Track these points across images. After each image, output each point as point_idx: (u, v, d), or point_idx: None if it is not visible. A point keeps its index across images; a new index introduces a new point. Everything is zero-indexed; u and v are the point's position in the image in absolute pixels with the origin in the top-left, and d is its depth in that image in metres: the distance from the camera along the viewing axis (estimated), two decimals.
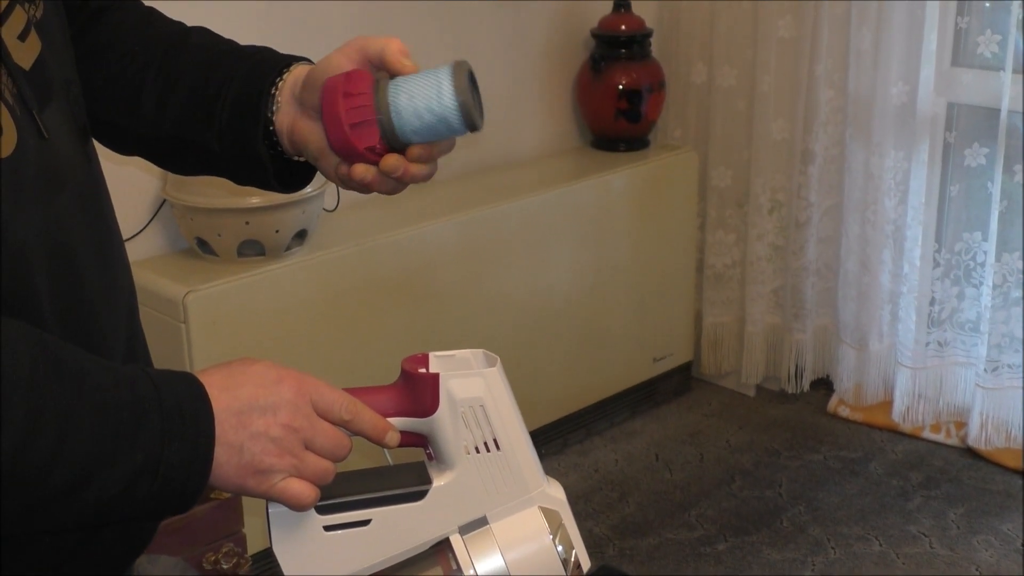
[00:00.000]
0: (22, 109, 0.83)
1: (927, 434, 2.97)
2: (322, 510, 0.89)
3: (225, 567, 2.01)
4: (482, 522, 0.92)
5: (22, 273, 0.82)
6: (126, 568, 0.97)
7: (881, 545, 2.57)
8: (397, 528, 0.91)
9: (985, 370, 2.80)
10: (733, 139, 3.07)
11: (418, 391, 0.91)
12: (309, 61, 1.03)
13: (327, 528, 0.90)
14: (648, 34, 2.99)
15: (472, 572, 0.90)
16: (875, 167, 2.85)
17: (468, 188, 2.78)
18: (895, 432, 3.00)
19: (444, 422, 0.90)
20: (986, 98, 2.73)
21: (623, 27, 2.95)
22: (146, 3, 1.13)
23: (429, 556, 0.91)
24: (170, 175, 2.32)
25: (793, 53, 2.92)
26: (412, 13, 2.68)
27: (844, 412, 3.08)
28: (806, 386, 3.17)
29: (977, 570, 2.48)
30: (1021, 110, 2.66)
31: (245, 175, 1.05)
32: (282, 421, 0.85)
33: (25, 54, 0.85)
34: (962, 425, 2.92)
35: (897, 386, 2.96)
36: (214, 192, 2.22)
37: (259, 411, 0.85)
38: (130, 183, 2.31)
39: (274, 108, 1.00)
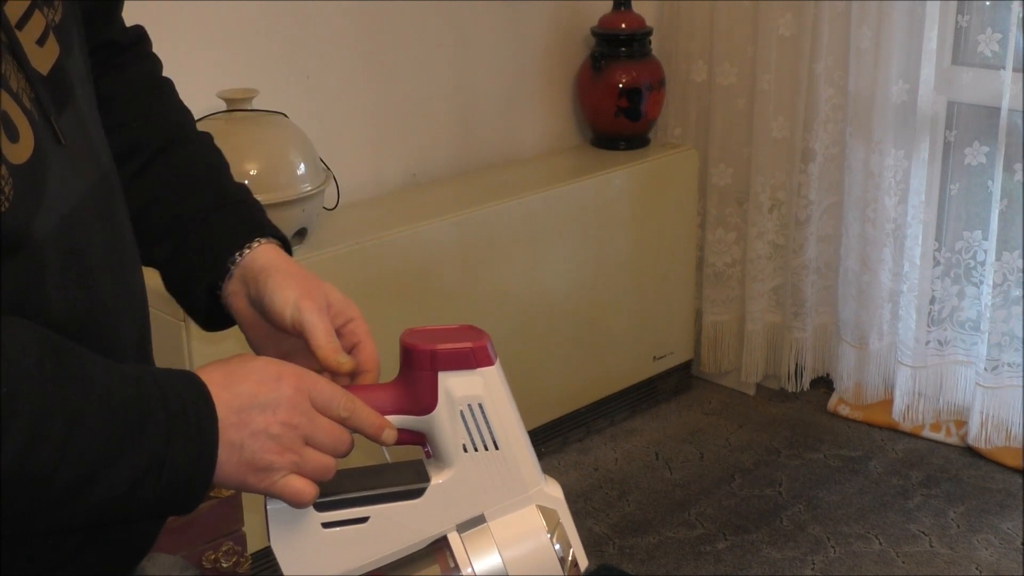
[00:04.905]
0: (40, 114, 0.83)
1: (927, 433, 2.97)
2: (320, 507, 0.89)
3: (225, 565, 2.01)
4: (480, 520, 0.91)
5: (36, 276, 0.82)
6: (128, 571, 0.97)
7: (881, 544, 2.57)
8: (395, 526, 0.90)
9: (985, 369, 2.80)
10: (733, 137, 3.07)
11: (417, 389, 0.90)
12: (273, 236, 1.04)
13: (325, 525, 0.90)
14: (648, 32, 2.99)
15: (470, 570, 0.90)
16: (875, 165, 2.85)
17: (468, 186, 2.78)
18: (895, 431, 3.00)
19: (442, 420, 0.90)
20: (986, 97, 2.73)
21: (623, 25, 2.95)
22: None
23: (427, 555, 0.91)
24: None
25: (793, 51, 2.92)
26: (413, 12, 2.68)
27: (844, 411, 3.08)
28: (806, 385, 3.17)
29: (977, 569, 2.48)
30: (1021, 109, 2.66)
31: (179, 300, 1.07)
32: (281, 418, 0.85)
33: (43, 59, 0.85)
34: (962, 424, 2.92)
35: (897, 385, 2.95)
36: None
37: (259, 408, 0.84)
38: None
39: (225, 280, 1.02)
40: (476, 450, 0.91)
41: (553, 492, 0.93)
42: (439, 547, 0.91)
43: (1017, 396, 2.77)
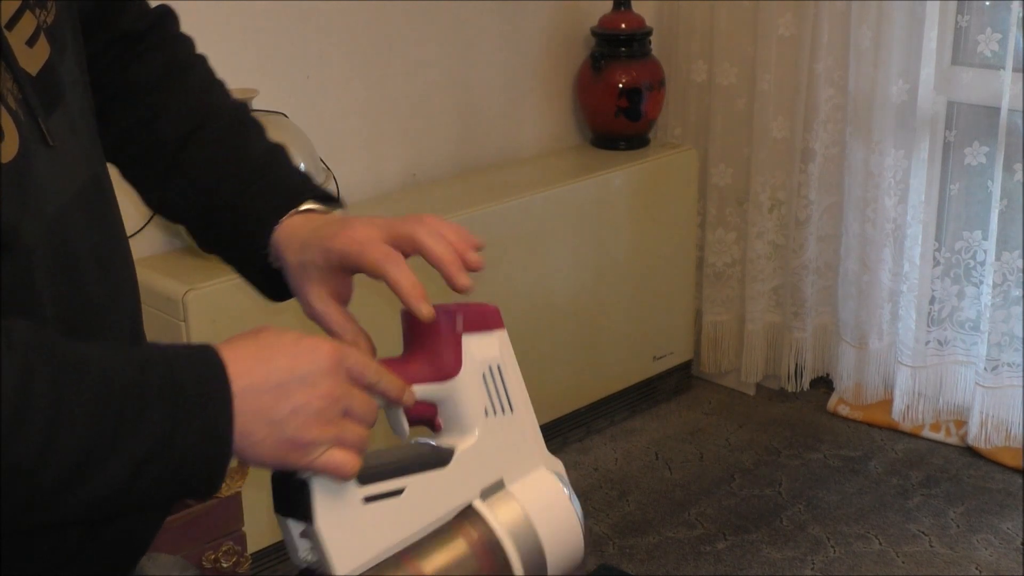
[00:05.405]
0: (27, 115, 0.82)
1: (927, 433, 2.97)
2: (362, 480, 0.86)
3: (225, 566, 2.01)
4: (499, 486, 0.91)
5: (25, 277, 0.81)
6: (127, 570, 0.97)
7: (881, 544, 2.57)
8: (428, 496, 0.88)
9: (985, 369, 2.80)
10: (733, 137, 3.07)
11: (441, 353, 0.90)
12: (317, 197, 1.01)
13: (367, 500, 0.86)
14: (648, 32, 2.99)
15: (501, 531, 0.89)
16: (875, 165, 2.85)
17: (468, 186, 2.78)
18: (895, 431, 3.00)
19: (466, 384, 0.90)
20: (986, 97, 2.73)
21: (623, 25, 2.95)
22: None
23: (450, 530, 0.90)
24: None
25: (793, 51, 2.92)
26: (412, 12, 2.68)
27: (844, 411, 3.08)
28: (806, 385, 3.17)
29: (977, 569, 2.48)
30: (1021, 109, 2.66)
31: (244, 278, 1.06)
32: (322, 392, 0.82)
33: (33, 60, 0.85)
34: (962, 424, 2.92)
35: (897, 385, 2.95)
36: None
37: (298, 382, 0.82)
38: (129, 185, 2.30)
39: (269, 249, 1.00)
40: (495, 413, 0.91)
41: (556, 466, 0.95)
42: (458, 523, 0.90)
43: (1017, 396, 2.77)
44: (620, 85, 2.94)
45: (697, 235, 3.17)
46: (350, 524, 0.86)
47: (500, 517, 0.90)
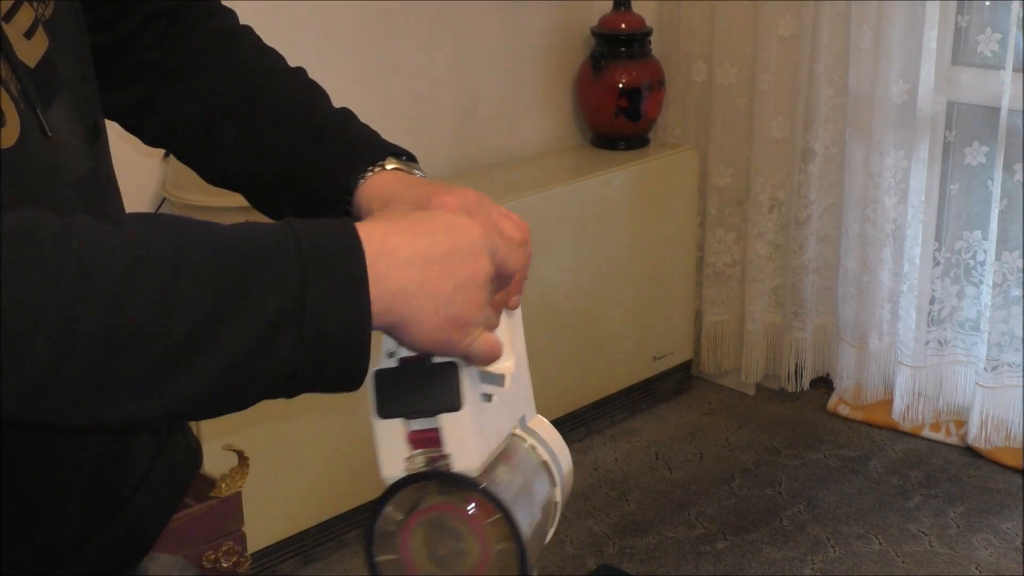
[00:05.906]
0: (26, 105, 0.82)
1: (927, 433, 2.97)
2: (481, 377, 0.82)
3: (225, 565, 2.01)
4: (524, 420, 0.91)
5: None
6: (128, 571, 0.96)
7: (881, 544, 2.57)
8: (499, 411, 0.86)
9: (985, 369, 2.80)
10: (733, 137, 3.07)
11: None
12: (397, 155, 0.97)
13: (483, 396, 0.83)
14: (648, 32, 2.99)
15: (548, 459, 0.90)
16: (875, 165, 2.85)
17: (467, 186, 2.78)
18: (895, 431, 3.00)
19: (513, 312, 0.90)
20: (986, 97, 2.73)
21: (623, 25, 2.95)
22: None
23: (505, 455, 0.88)
24: (170, 173, 2.32)
25: (793, 51, 2.92)
26: (412, 12, 2.68)
27: (844, 411, 3.08)
28: (806, 384, 3.17)
29: (977, 569, 2.48)
30: (1021, 109, 2.66)
31: None
32: (483, 267, 0.78)
33: (31, 51, 0.84)
34: (962, 424, 2.92)
35: (897, 385, 2.95)
36: (213, 190, 2.21)
37: (461, 256, 0.77)
38: (130, 181, 2.30)
39: (352, 207, 0.96)
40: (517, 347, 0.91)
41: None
42: (509, 449, 0.88)
43: (1017, 396, 2.77)
44: (620, 85, 2.94)
45: (697, 235, 3.17)
46: (478, 418, 0.81)
47: (542, 445, 0.90)
